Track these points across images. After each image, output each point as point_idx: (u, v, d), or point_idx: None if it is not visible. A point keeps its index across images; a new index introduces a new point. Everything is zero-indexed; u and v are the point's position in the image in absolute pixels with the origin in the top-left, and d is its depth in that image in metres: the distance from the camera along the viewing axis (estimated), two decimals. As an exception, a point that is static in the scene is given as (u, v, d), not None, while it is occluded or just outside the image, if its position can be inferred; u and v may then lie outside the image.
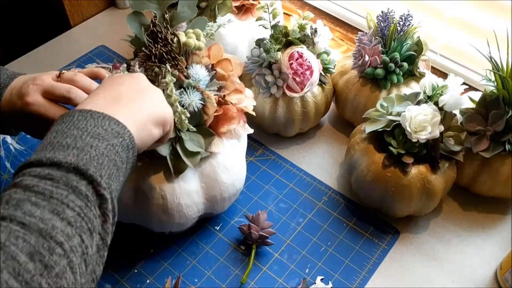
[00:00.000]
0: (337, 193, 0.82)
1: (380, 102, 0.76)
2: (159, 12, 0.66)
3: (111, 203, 0.44)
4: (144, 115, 0.51)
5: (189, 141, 0.65)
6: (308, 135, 0.91)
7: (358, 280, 0.72)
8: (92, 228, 0.42)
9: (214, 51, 0.71)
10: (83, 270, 0.41)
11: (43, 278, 0.37)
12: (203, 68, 0.67)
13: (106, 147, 0.45)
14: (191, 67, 0.66)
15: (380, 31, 0.82)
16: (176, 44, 0.66)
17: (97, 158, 0.44)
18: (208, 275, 0.72)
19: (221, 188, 0.69)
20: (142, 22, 0.67)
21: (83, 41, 1.08)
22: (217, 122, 0.68)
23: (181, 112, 0.62)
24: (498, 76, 0.72)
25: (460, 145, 0.73)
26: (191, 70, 0.66)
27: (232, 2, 0.87)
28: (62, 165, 0.42)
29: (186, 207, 0.67)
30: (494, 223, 0.79)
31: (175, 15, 0.67)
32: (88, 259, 0.42)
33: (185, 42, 0.66)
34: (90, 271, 0.42)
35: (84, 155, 0.44)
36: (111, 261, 0.73)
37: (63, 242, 0.39)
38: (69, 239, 0.40)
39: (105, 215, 0.44)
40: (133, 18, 0.67)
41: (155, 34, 0.65)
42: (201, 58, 0.69)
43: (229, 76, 0.70)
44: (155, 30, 0.65)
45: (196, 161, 0.65)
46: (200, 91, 0.65)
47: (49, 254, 0.38)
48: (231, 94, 0.69)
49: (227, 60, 0.70)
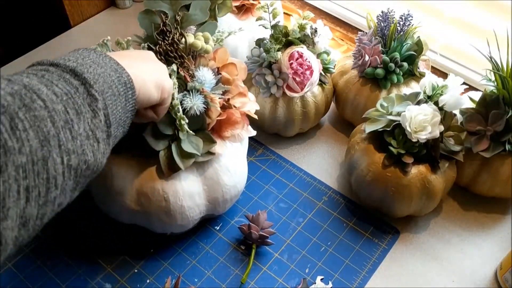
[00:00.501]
0: (337, 193, 0.82)
1: (380, 102, 0.76)
2: (171, 13, 0.66)
3: (102, 106, 0.45)
4: (145, 74, 0.53)
5: (187, 142, 0.64)
6: (308, 135, 0.91)
7: (358, 280, 0.72)
8: (79, 110, 0.43)
9: (220, 54, 0.71)
10: (68, 137, 0.41)
11: (20, 110, 0.38)
12: (210, 72, 0.67)
13: (103, 72, 0.47)
14: (198, 69, 0.66)
15: (380, 31, 0.82)
16: (183, 45, 0.66)
17: (94, 74, 0.46)
18: (208, 275, 0.72)
19: (223, 190, 0.69)
20: (153, 21, 0.67)
21: (83, 41, 1.08)
22: (221, 126, 0.68)
23: (180, 117, 0.62)
24: (498, 76, 0.72)
25: (460, 145, 0.73)
26: (198, 72, 0.66)
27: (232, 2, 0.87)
28: (60, 66, 0.45)
29: (188, 209, 0.67)
30: (494, 223, 0.79)
31: (186, 16, 0.67)
32: (74, 133, 0.42)
33: (192, 43, 0.66)
34: (78, 147, 0.42)
35: (81, 66, 0.46)
36: (111, 261, 0.73)
37: (46, 100, 0.40)
38: (52, 103, 0.41)
39: (94, 111, 0.45)
40: (144, 16, 0.67)
41: (164, 34, 0.65)
42: (208, 61, 0.69)
43: (233, 80, 0.70)
44: (164, 29, 0.65)
45: (189, 163, 0.64)
46: (203, 94, 0.65)
47: (29, 100, 0.39)
48: (235, 98, 0.70)
49: (233, 64, 0.71)
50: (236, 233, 0.76)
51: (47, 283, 0.70)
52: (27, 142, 0.37)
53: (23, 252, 0.73)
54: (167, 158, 0.64)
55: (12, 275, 0.71)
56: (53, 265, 0.72)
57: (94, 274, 0.71)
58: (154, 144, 0.64)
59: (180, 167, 0.64)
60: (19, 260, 0.72)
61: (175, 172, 0.65)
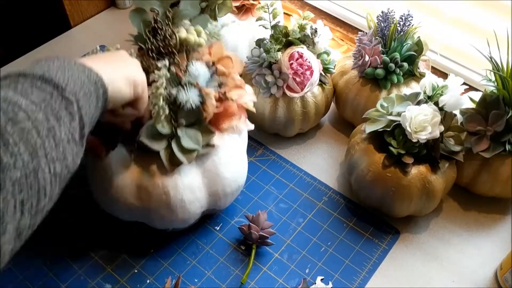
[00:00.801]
0: (337, 193, 0.82)
1: (380, 102, 0.76)
2: (161, 10, 0.66)
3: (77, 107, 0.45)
4: (114, 71, 0.53)
5: (186, 138, 0.64)
6: (308, 135, 0.91)
7: (358, 280, 0.72)
8: (58, 116, 0.43)
9: (215, 49, 0.71)
10: (52, 145, 0.41)
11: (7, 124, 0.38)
12: (203, 65, 0.67)
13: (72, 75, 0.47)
14: (191, 64, 0.66)
15: (380, 31, 0.82)
16: (175, 41, 0.66)
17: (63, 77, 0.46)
18: (208, 275, 0.72)
19: (223, 183, 0.69)
20: (144, 19, 0.67)
21: (83, 41, 1.08)
22: (218, 119, 0.68)
23: (160, 106, 0.61)
24: (498, 76, 0.72)
25: (460, 145, 0.73)
26: (191, 67, 0.66)
27: (232, 2, 0.87)
28: (28, 75, 0.44)
29: (189, 203, 0.67)
30: (494, 223, 0.79)
31: (177, 13, 0.67)
32: (57, 139, 0.42)
33: (185, 38, 0.66)
34: (61, 153, 0.42)
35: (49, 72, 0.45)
36: (111, 261, 0.73)
37: (27, 110, 0.40)
38: (33, 112, 0.41)
39: (71, 114, 0.44)
40: (135, 15, 0.67)
41: (155, 31, 0.65)
42: (202, 55, 0.69)
43: (229, 73, 0.70)
44: (156, 26, 0.65)
45: (192, 157, 0.65)
46: (198, 88, 0.65)
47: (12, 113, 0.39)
48: (232, 90, 0.69)
49: (228, 57, 0.70)
50: (236, 233, 0.76)
51: (47, 283, 0.70)
52: (20, 156, 0.37)
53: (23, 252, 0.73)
54: (168, 154, 0.64)
55: (12, 275, 0.71)
56: (53, 265, 0.72)
57: (94, 274, 0.71)
58: (153, 145, 0.64)
59: (182, 161, 0.64)
60: (19, 260, 0.72)
61: (178, 166, 0.65)
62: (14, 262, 0.72)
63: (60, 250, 0.74)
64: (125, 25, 0.67)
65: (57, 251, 0.74)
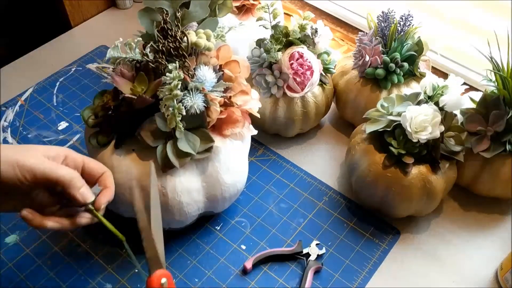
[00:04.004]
0: (338, 193, 0.82)
1: (380, 102, 0.76)
2: (171, 10, 0.66)
3: None
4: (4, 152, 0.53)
5: (184, 140, 0.64)
6: (308, 135, 0.91)
7: (358, 280, 0.72)
8: None
9: (223, 52, 0.71)
10: None
11: None
12: (210, 70, 0.66)
13: None
14: (199, 68, 0.66)
15: (381, 31, 0.82)
16: (185, 43, 0.65)
17: None
18: (208, 275, 0.72)
19: (222, 188, 0.69)
20: (153, 19, 0.67)
21: (84, 41, 1.08)
22: (222, 124, 0.68)
23: (176, 107, 0.61)
24: (499, 76, 0.72)
25: (461, 146, 0.73)
26: (199, 71, 0.65)
27: (232, 2, 0.87)
28: None
29: (186, 205, 0.67)
30: (495, 223, 0.79)
31: (186, 14, 0.67)
32: None
33: (196, 42, 0.66)
34: None
35: None
36: (111, 261, 0.73)
37: None
38: None
39: None
40: (144, 14, 0.67)
41: (165, 31, 0.65)
42: (209, 58, 0.69)
43: (236, 77, 0.69)
44: (165, 27, 0.65)
45: (184, 162, 0.64)
46: (204, 93, 0.65)
47: None
48: (237, 96, 0.69)
49: (235, 62, 0.70)
50: (236, 233, 0.76)
51: (47, 283, 0.70)
52: None
53: (23, 252, 0.73)
54: (163, 154, 0.64)
55: (12, 275, 0.71)
56: (53, 265, 0.72)
57: (94, 274, 0.71)
58: (150, 141, 0.64)
59: (175, 164, 0.64)
60: (19, 260, 0.72)
61: (171, 169, 0.65)
62: (14, 262, 0.72)
63: (60, 250, 0.74)
64: (126, 25, 0.67)
65: (57, 251, 0.74)
